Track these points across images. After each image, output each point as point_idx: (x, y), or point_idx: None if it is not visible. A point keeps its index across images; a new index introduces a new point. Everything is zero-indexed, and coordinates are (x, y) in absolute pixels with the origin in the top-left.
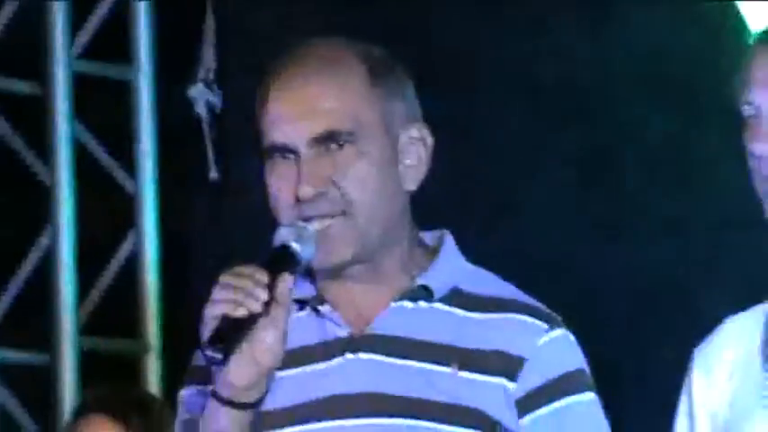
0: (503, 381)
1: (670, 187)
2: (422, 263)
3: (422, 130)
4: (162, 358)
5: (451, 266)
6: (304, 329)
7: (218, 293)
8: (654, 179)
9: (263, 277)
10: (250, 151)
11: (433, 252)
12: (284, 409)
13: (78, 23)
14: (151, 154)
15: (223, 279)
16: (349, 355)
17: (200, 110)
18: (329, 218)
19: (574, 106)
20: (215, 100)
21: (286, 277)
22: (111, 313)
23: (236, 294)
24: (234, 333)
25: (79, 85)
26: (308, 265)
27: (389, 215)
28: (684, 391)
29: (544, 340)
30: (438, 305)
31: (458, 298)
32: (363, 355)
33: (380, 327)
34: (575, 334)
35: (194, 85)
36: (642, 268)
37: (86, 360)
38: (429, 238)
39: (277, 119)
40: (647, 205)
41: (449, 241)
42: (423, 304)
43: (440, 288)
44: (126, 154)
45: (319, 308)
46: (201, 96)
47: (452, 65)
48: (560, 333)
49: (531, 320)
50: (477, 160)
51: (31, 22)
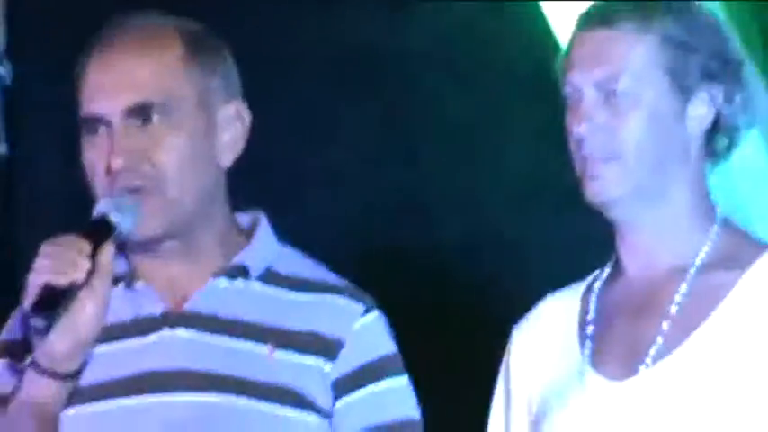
0: (319, 362)
1: (465, 162)
2: (238, 242)
3: (239, 107)
4: None
5: (267, 247)
6: (117, 305)
7: (40, 261)
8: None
9: (85, 247)
10: (42, 125)
11: (249, 232)
12: (98, 383)
13: None
14: None
15: (45, 248)
16: (165, 332)
17: None
18: (141, 191)
19: (372, 78)
20: (5, 74)
21: (107, 247)
22: None
23: (58, 263)
24: (56, 301)
25: None
26: (125, 238)
27: (202, 190)
28: (502, 370)
29: (360, 323)
30: (254, 284)
31: (274, 278)
32: (180, 332)
33: (197, 304)
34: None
35: None
36: (437, 246)
37: None
38: (243, 219)
39: (93, 90)
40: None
41: (263, 222)
42: (239, 283)
43: (256, 267)
44: None
45: (134, 284)
46: None
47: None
48: (375, 316)
49: (347, 302)
50: (275, 132)
51: None
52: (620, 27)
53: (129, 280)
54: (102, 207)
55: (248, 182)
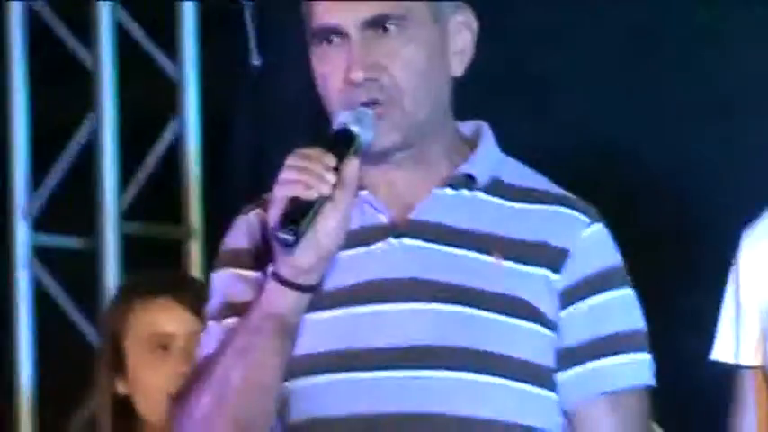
0: (546, 272)
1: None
2: (463, 152)
3: (467, 14)
4: (204, 243)
5: (491, 157)
6: None
7: (287, 174)
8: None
9: (330, 160)
10: (291, 38)
11: (472, 142)
12: (328, 291)
13: None
14: (193, 39)
15: (291, 160)
16: (392, 240)
17: None
18: (380, 103)
19: None
20: None
21: (352, 160)
22: (154, 199)
23: (306, 176)
24: (304, 214)
25: None
26: (365, 149)
27: (437, 101)
28: (731, 278)
29: (586, 233)
30: (480, 194)
31: (499, 188)
32: (407, 241)
33: (423, 213)
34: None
35: None
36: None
37: (129, 245)
38: (466, 128)
39: (327, 2)
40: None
41: (487, 132)
42: (465, 192)
43: (482, 177)
44: (168, 39)
45: (360, 193)
46: None
47: None
48: (600, 227)
49: (574, 213)
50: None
51: None
52: None
53: (356, 189)
54: (344, 119)
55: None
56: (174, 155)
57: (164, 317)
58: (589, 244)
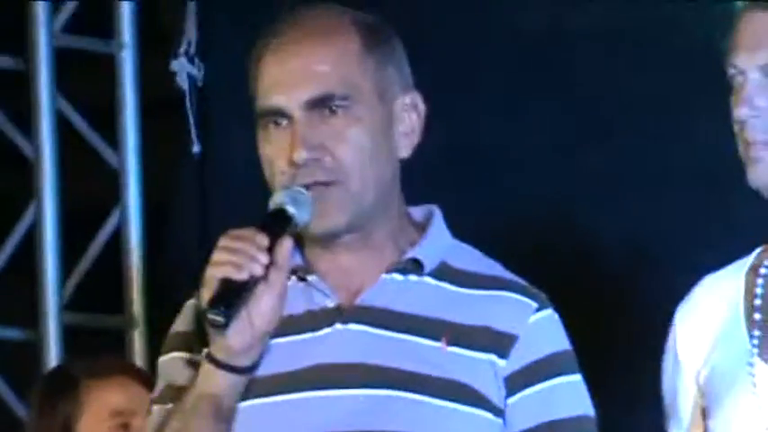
0: (492, 357)
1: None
2: (411, 236)
3: (415, 97)
4: (147, 332)
5: (440, 241)
6: (290, 298)
7: (219, 256)
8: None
9: (263, 240)
10: (233, 124)
11: (422, 226)
12: (272, 376)
13: None
14: (134, 128)
15: (224, 242)
16: (338, 326)
17: (183, 83)
18: (323, 184)
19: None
20: (197, 73)
21: (286, 241)
22: (96, 288)
23: (237, 257)
24: (235, 296)
25: (62, 59)
26: (303, 230)
27: (382, 182)
28: (668, 356)
29: (534, 319)
30: (427, 279)
31: (448, 273)
32: (353, 326)
33: (371, 298)
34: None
35: (176, 58)
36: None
37: (71, 336)
38: (416, 212)
39: (272, 83)
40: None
41: (437, 216)
42: (413, 278)
43: (430, 262)
44: (110, 128)
45: (307, 277)
46: (183, 69)
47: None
48: (549, 312)
49: (521, 298)
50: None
51: None
52: None
53: (303, 273)
54: (279, 199)
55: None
56: (117, 243)
57: (123, 395)
58: (537, 330)
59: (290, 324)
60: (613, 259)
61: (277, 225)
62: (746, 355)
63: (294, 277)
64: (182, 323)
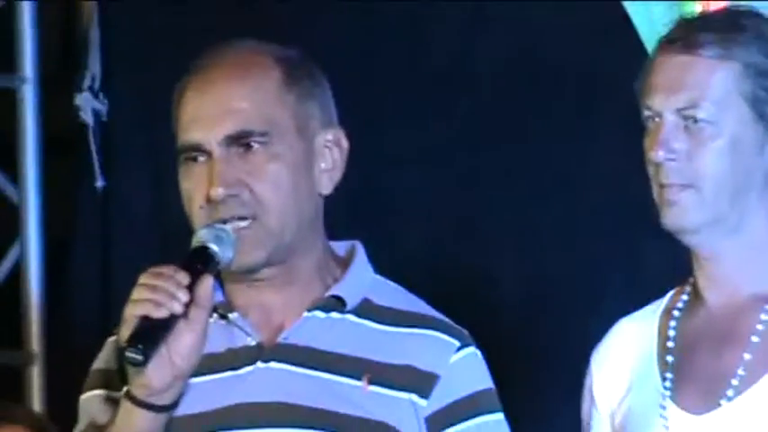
0: (413, 397)
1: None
2: (334, 272)
3: (337, 133)
4: (45, 369)
5: (363, 278)
6: (211, 337)
7: (138, 293)
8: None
9: (183, 278)
10: (137, 159)
11: (345, 262)
12: (193, 416)
13: None
14: (35, 163)
15: (143, 279)
16: (260, 364)
17: (87, 118)
18: (242, 220)
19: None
20: (101, 108)
21: (206, 279)
22: None
23: (156, 295)
24: (154, 334)
25: None
26: (223, 267)
27: (302, 218)
28: (585, 396)
29: (456, 358)
30: (350, 317)
31: (370, 310)
32: (274, 365)
33: (292, 337)
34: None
35: (80, 93)
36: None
37: None
38: (340, 248)
39: (191, 120)
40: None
41: (360, 252)
42: (335, 315)
43: (352, 299)
44: (10, 163)
45: (229, 315)
46: (87, 104)
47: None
48: (471, 351)
49: (443, 337)
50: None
51: None
52: (702, 53)
53: (224, 311)
54: (201, 237)
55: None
56: (16, 279)
57: None
58: (458, 369)
59: (212, 362)
60: (515, 304)
61: (199, 262)
62: (659, 397)
63: (216, 315)
64: (102, 360)
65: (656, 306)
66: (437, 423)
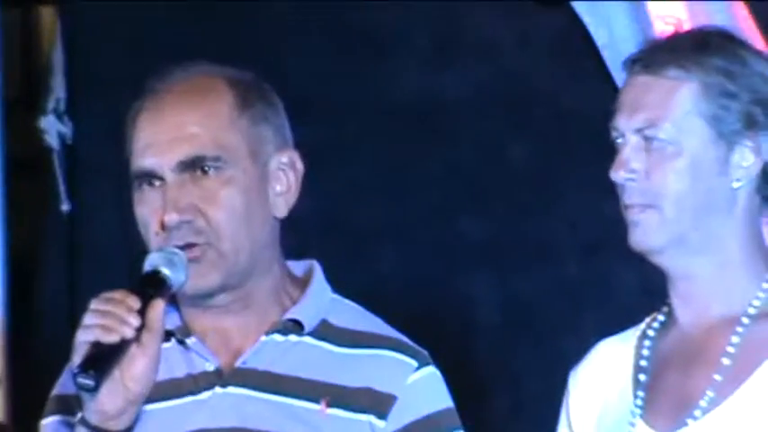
0: (371, 418)
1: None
2: (292, 294)
3: (292, 155)
4: (9, 391)
5: (321, 299)
6: (170, 362)
7: (89, 319)
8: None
9: (134, 303)
10: (102, 182)
11: (303, 283)
12: None
13: None
14: (0, 185)
15: (94, 304)
16: (218, 390)
17: (52, 141)
18: (196, 245)
19: (436, 124)
20: (66, 130)
21: (158, 303)
22: None
23: (107, 320)
24: (105, 359)
25: None
26: (178, 291)
27: (257, 242)
28: (563, 416)
29: (413, 378)
30: (308, 339)
31: (328, 332)
32: (232, 390)
33: (250, 361)
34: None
35: (45, 115)
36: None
37: None
38: (297, 268)
39: (144, 145)
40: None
41: (318, 272)
42: (293, 338)
43: (310, 322)
44: None
45: (186, 340)
46: (52, 127)
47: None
48: (429, 371)
49: (401, 357)
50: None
51: None
52: (662, 73)
53: (182, 335)
54: (153, 261)
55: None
56: None
57: None
58: (416, 389)
59: (171, 388)
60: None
61: (150, 287)
62: (629, 416)
63: (173, 340)
64: (60, 386)
65: (636, 328)
66: None
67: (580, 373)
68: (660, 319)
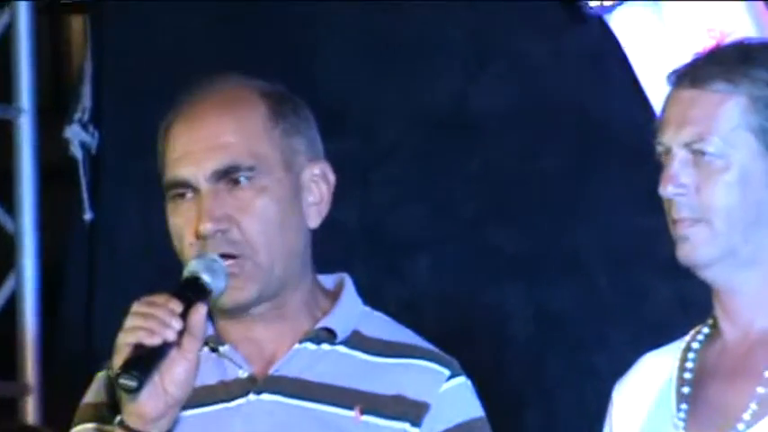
0: (405, 426)
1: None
2: (323, 305)
3: (324, 167)
4: (40, 401)
5: (352, 309)
6: (202, 369)
7: (131, 321)
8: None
9: (176, 306)
10: (125, 192)
11: (334, 295)
12: None
13: None
14: (31, 194)
15: (136, 307)
16: (252, 397)
17: (76, 150)
18: (232, 258)
19: (468, 135)
20: (91, 140)
21: (200, 307)
22: None
23: (149, 322)
24: (147, 361)
25: None
26: (213, 303)
27: (291, 253)
28: (606, 424)
29: (446, 387)
30: (340, 348)
31: (360, 341)
32: (266, 397)
33: (284, 369)
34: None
35: (70, 125)
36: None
37: None
38: (328, 280)
39: (178, 155)
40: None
41: (349, 284)
42: (325, 347)
43: (342, 331)
44: (6, 194)
45: (219, 348)
46: (77, 136)
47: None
48: (461, 380)
49: (433, 366)
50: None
51: None
52: (709, 87)
53: (215, 343)
54: (193, 267)
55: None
56: (11, 310)
57: None
58: (449, 397)
59: (204, 395)
60: (522, 337)
61: (191, 292)
62: (672, 428)
63: (206, 348)
64: (92, 394)
65: (681, 341)
66: None
67: (624, 385)
68: (705, 331)
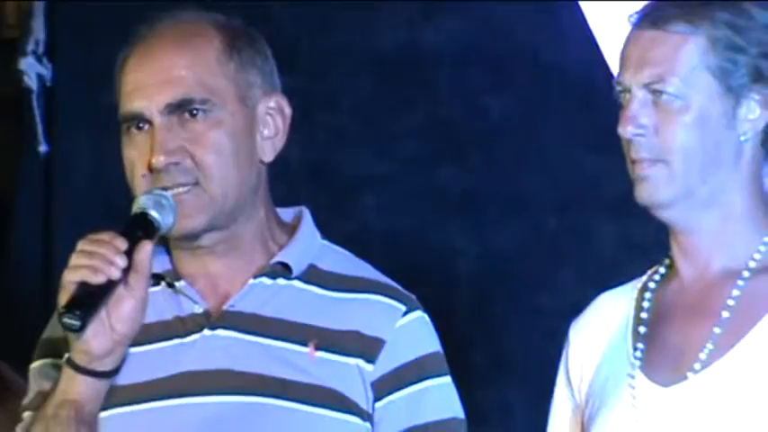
0: (359, 362)
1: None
2: (280, 239)
3: (280, 100)
4: None
5: (309, 243)
6: (158, 304)
7: (75, 259)
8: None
9: (121, 244)
10: (80, 124)
11: (292, 228)
12: (137, 384)
13: None
14: None
15: (81, 245)
16: (206, 332)
17: (31, 82)
18: (182, 186)
19: (419, 81)
20: (45, 73)
21: (145, 245)
22: None
23: (94, 260)
24: (92, 300)
25: None
26: (166, 234)
27: (244, 185)
28: (562, 363)
29: (402, 322)
30: (296, 283)
31: (316, 276)
32: (221, 332)
33: (239, 304)
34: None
35: (24, 57)
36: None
37: None
38: (286, 214)
39: (133, 89)
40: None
41: (307, 218)
42: (281, 281)
43: (298, 265)
44: None
45: (175, 283)
46: (31, 69)
47: (295, 40)
48: (418, 315)
49: (389, 301)
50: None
51: None
52: (668, 28)
53: (171, 279)
54: (142, 203)
55: (298, 187)
56: None
57: None
58: (404, 333)
59: (160, 331)
60: (469, 276)
61: (139, 229)
62: (628, 367)
63: (163, 283)
64: (51, 329)
65: (637, 281)
66: (383, 387)
67: (580, 325)
68: (661, 272)
